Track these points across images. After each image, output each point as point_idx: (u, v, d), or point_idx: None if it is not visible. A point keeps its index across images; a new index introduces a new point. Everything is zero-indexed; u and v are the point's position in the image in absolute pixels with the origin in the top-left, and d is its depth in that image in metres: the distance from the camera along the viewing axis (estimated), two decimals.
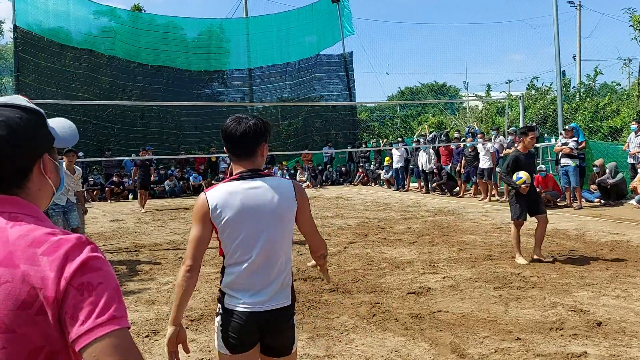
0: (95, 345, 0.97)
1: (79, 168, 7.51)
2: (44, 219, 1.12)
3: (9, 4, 20.25)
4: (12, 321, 0.98)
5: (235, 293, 2.10)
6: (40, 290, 0.98)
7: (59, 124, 1.25)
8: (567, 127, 12.31)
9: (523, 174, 6.35)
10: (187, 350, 2.11)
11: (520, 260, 6.44)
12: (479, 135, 14.42)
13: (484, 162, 13.59)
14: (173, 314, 2.09)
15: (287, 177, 20.97)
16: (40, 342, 1.00)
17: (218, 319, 2.15)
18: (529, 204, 6.48)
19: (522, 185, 6.32)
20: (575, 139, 11.70)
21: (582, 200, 11.81)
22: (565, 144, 11.65)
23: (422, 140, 17.58)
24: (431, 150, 16.24)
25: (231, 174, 2.22)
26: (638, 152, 11.36)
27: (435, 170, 16.03)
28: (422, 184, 16.81)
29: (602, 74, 18.31)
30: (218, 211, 2.07)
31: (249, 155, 2.15)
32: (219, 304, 2.17)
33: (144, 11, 25.84)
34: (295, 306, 2.21)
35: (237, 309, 2.08)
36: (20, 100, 1.16)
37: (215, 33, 25.46)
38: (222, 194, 2.09)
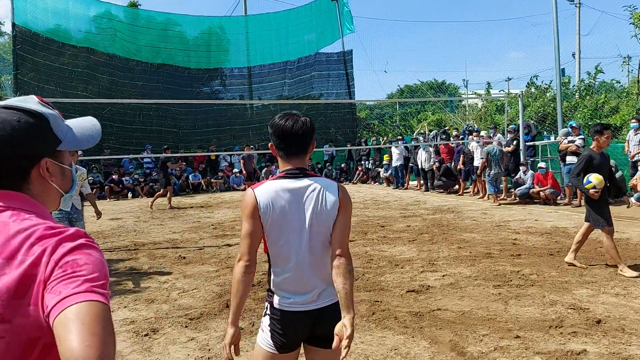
0: (69, 309, 0.91)
1: (82, 167, 7.00)
2: (48, 217, 1.13)
3: (7, 2, 20.22)
4: (8, 311, 0.98)
5: (285, 293, 2.10)
6: (34, 277, 0.99)
7: (80, 125, 1.24)
8: (574, 125, 12.24)
9: (594, 178, 5.78)
10: (237, 353, 2.11)
11: (628, 272, 5.58)
12: (474, 134, 14.39)
13: (479, 161, 13.58)
14: (233, 315, 2.09)
15: None
16: (36, 333, 0.99)
17: (266, 318, 2.15)
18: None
19: (591, 191, 5.79)
20: (582, 137, 11.68)
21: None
22: (572, 142, 11.61)
23: (421, 138, 17.57)
24: (430, 149, 16.23)
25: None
26: (638, 153, 11.36)
27: (437, 164, 16.01)
28: (422, 182, 16.82)
29: (602, 72, 18.30)
30: (266, 209, 2.05)
31: (302, 152, 2.14)
32: (267, 304, 2.17)
33: (139, 6, 25.70)
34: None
35: (287, 308, 2.08)
36: (29, 102, 1.15)
37: (215, 31, 25.44)
38: (270, 192, 2.06)
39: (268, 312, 2.15)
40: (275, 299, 2.12)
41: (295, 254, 2.07)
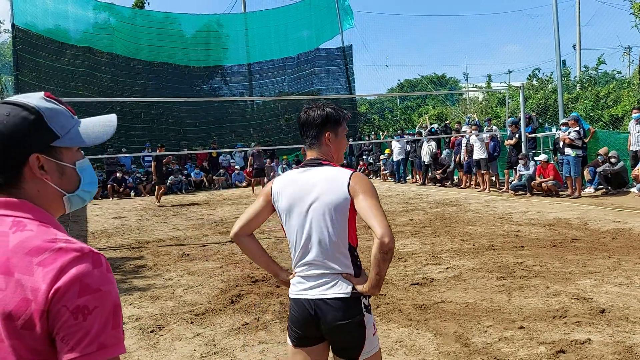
0: None
1: None
2: (50, 223, 1.08)
3: (7, 3, 20.23)
4: (2, 331, 0.96)
5: (295, 281, 2.11)
6: (31, 302, 0.95)
7: (91, 122, 1.19)
8: (567, 118, 12.23)
9: None
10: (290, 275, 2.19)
11: None
12: (473, 127, 14.36)
13: (479, 153, 13.55)
14: (271, 272, 2.25)
15: (290, 168, 20.98)
16: (28, 355, 0.97)
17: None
18: None
19: None
20: (577, 129, 11.67)
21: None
22: (569, 133, 11.61)
23: (423, 132, 17.58)
24: (432, 142, 16.24)
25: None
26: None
27: (440, 160, 16.03)
28: (422, 175, 16.84)
29: (605, 63, 18.24)
30: (277, 198, 2.12)
31: (316, 143, 2.16)
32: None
33: (148, 3, 25.74)
34: (365, 304, 2.08)
35: (294, 296, 2.09)
36: (31, 97, 1.11)
37: (214, 29, 25.43)
38: (282, 182, 2.13)
39: (289, 301, 2.18)
40: (290, 288, 2.13)
41: (301, 243, 2.06)
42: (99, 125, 1.20)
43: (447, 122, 19.94)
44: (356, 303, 2.04)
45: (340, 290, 2.02)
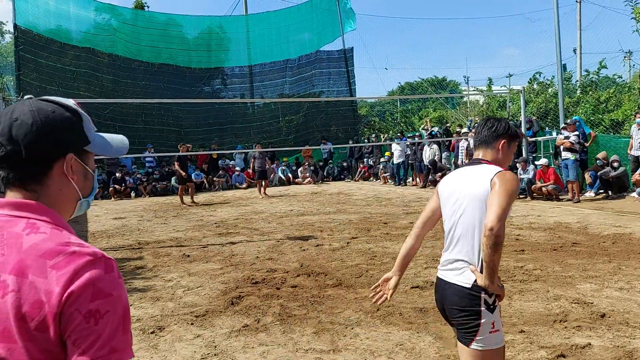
0: None
1: None
2: (63, 226, 1.09)
3: (9, 4, 20.27)
4: (13, 332, 0.97)
5: (442, 259, 2.36)
6: (44, 304, 0.96)
7: (111, 136, 1.24)
8: (568, 120, 12.29)
9: None
10: (388, 295, 2.56)
11: None
12: (474, 130, 14.41)
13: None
14: (395, 266, 2.60)
15: (290, 169, 20.99)
16: (41, 357, 0.98)
17: None
18: None
19: None
20: (576, 133, 11.69)
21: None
22: (567, 137, 11.65)
23: (424, 133, 17.60)
24: (435, 146, 16.26)
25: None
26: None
27: (439, 166, 16.06)
28: (423, 178, 16.84)
29: (606, 67, 18.24)
30: (441, 190, 2.42)
31: (483, 143, 2.39)
32: None
33: (147, 7, 25.82)
34: (486, 301, 2.17)
35: (438, 274, 2.37)
36: (69, 101, 1.16)
37: (215, 30, 25.48)
38: (447, 177, 2.45)
39: None
40: None
41: (447, 229, 2.33)
42: (119, 140, 1.25)
43: (448, 125, 19.96)
44: (474, 296, 2.16)
45: (464, 279, 2.19)
